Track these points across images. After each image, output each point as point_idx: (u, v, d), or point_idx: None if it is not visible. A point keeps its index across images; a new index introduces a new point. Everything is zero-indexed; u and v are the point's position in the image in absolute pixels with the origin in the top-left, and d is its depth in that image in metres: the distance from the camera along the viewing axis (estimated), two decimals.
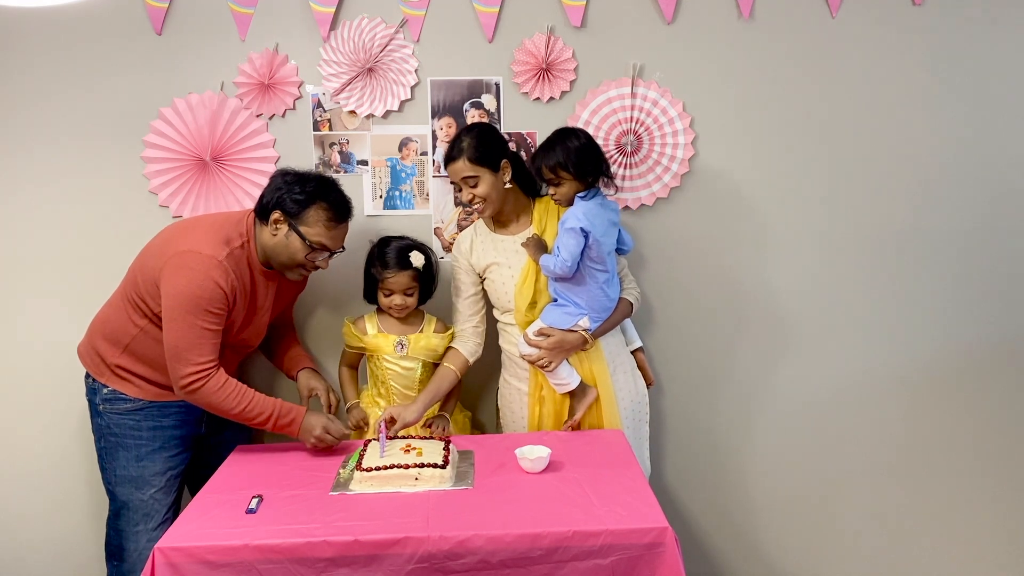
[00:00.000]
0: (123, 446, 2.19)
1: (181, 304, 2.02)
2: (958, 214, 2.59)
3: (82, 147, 2.48)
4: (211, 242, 2.08)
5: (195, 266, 2.03)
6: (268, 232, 2.14)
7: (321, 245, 2.14)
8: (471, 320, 2.38)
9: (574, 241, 2.16)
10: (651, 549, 1.70)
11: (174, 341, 2.03)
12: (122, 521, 2.22)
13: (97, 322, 2.24)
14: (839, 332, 2.65)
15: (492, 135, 2.29)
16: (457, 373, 2.34)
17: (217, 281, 2.04)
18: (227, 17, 2.45)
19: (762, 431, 2.69)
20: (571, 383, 2.25)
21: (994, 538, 2.75)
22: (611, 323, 2.30)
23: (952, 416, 2.69)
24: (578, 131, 2.26)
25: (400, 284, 2.33)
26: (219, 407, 2.08)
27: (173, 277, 2.03)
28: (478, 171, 2.21)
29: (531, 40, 2.47)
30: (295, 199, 2.11)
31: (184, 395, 2.07)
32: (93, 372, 2.22)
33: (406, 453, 2.02)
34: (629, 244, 2.37)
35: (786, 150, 2.56)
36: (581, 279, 2.22)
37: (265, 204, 2.14)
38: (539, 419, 2.32)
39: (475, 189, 2.23)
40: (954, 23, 2.51)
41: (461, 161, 2.21)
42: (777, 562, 2.77)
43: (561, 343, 2.22)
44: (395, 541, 1.68)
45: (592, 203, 2.21)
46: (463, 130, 2.28)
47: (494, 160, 2.23)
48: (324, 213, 2.13)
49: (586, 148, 2.21)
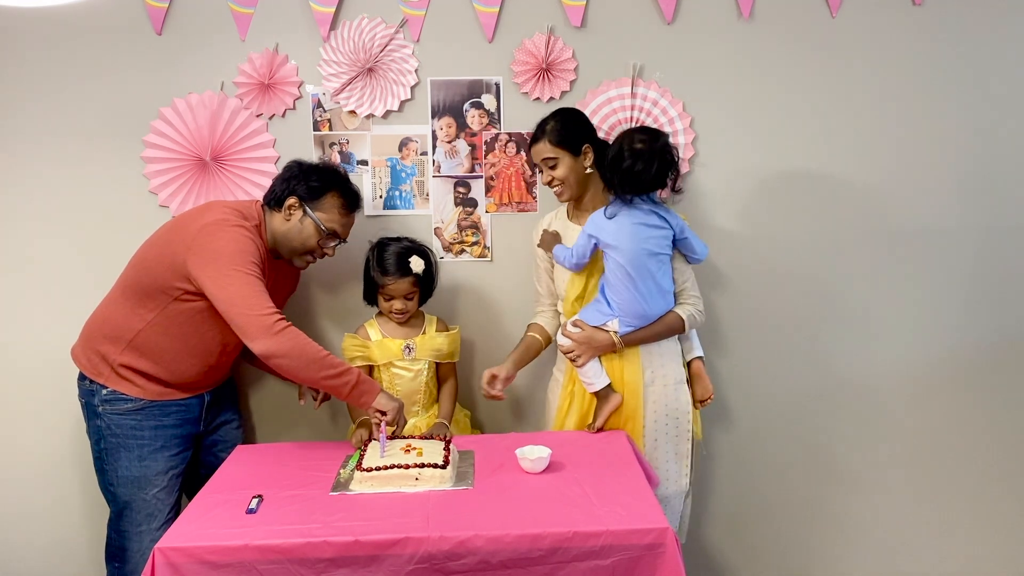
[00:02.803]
0: (125, 447, 2.19)
1: (227, 259, 2.01)
2: (958, 213, 2.59)
3: (82, 147, 2.48)
4: (233, 213, 2.14)
5: (227, 228, 2.07)
6: (281, 218, 2.19)
7: (333, 231, 2.21)
8: (551, 304, 2.41)
9: (583, 242, 2.21)
10: (651, 550, 1.70)
11: (234, 293, 1.98)
12: (124, 522, 2.21)
13: (94, 323, 2.23)
14: (840, 332, 2.65)
15: (577, 119, 2.28)
16: (542, 343, 2.38)
17: (250, 238, 2.08)
18: (227, 17, 2.44)
19: (762, 429, 2.69)
20: (597, 384, 2.23)
21: (1004, 537, 2.75)
22: (651, 334, 2.24)
23: (963, 415, 2.69)
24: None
25: (400, 290, 2.32)
26: (306, 350, 1.98)
27: (211, 243, 2.04)
28: (558, 153, 2.22)
29: (531, 40, 2.47)
30: (311, 186, 2.18)
31: (271, 338, 1.95)
32: (91, 374, 2.20)
33: (406, 453, 2.01)
34: (700, 253, 2.29)
35: (786, 150, 2.56)
36: (616, 282, 2.20)
37: (279, 192, 2.20)
38: (565, 414, 2.32)
39: (554, 171, 2.24)
40: (954, 23, 2.51)
41: (543, 142, 2.23)
42: (778, 562, 2.77)
43: (590, 340, 2.22)
44: (395, 541, 1.68)
45: (619, 215, 2.18)
46: (551, 113, 2.28)
47: (576, 143, 2.23)
48: (339, 200, 2.21)
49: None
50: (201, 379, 2.24)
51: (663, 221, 2.20)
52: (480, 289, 2.60)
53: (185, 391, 2.24)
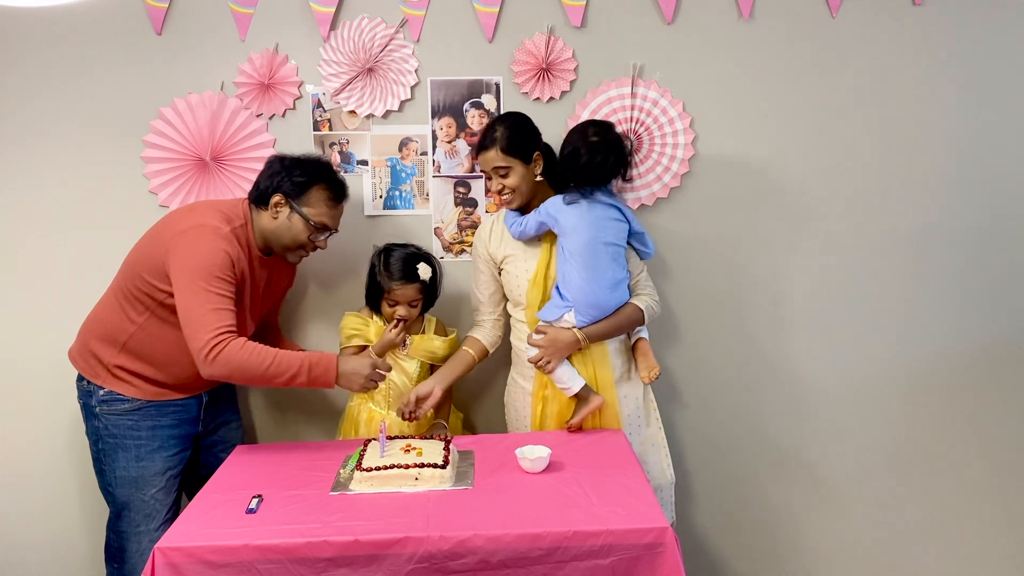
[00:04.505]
0: (122, 447, 2.18)
1: (192, 272, 2.00)
2: (959, 213, 2.59)
3: (82, 147, 2.48)
4: (215, 217, 2.11)
5: (201, 236, 2.05)
6: (268, 216, 2.16)
7: (323, 224, 2.17)
8: (492, 313, 2.38)
9: (532, 222, 2.24)
10: (651, 549, 1.70)
11: (188, 309, 2.00)
12: (123, 523, 2.21)
13: (90, 324, 2.23)
14: (841, 332, 2.65)
15: (526, 125, 2.26)
16: (475, 358, 2.34)
17: (224, 249, 2.05)
18: (227, 17, 2.45)
19: (762, 430, 2.69)
20: (572, 387, 2.23)
21: (1000, 538, 2.75)
22: (612, 326, 2.25)
23: (959, 415, 2.69)
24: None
25: (406, 296, 2.32)
26: (245, 369, 1.99)
27: (181, 250, 2.03)
28: (510, 162, 2.21)
29: (531, 40, 2.47)
30: (296, 181, 2.14)
31: (207, 367, 1.98)
32: (88, 375, 2.20)
33: (406, 453, 2.01)
34: (650, 248, 2.34)
35: (786, 150, 2.56)
36: (570, 271, 2.20)
37: (263, 189, 2.16)
38: (541, 419, 2.30)
39: (505, 180, 2.22)
40: (954, 23, 2.51)
41: (493, 151, 2.20)
42: (778, 562, 2.77)
43: (555, 341, 2.21)
44: (395, 541, 1.68)
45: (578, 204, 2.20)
46: (497, 119, 2.27)
47: (527, 151, 2.23)
48: (325, 193, 2.17)
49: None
50: (198, 379, 2.19)
51: (620, 214, 2.25)
52: None
53: (182, 391, 2.23)
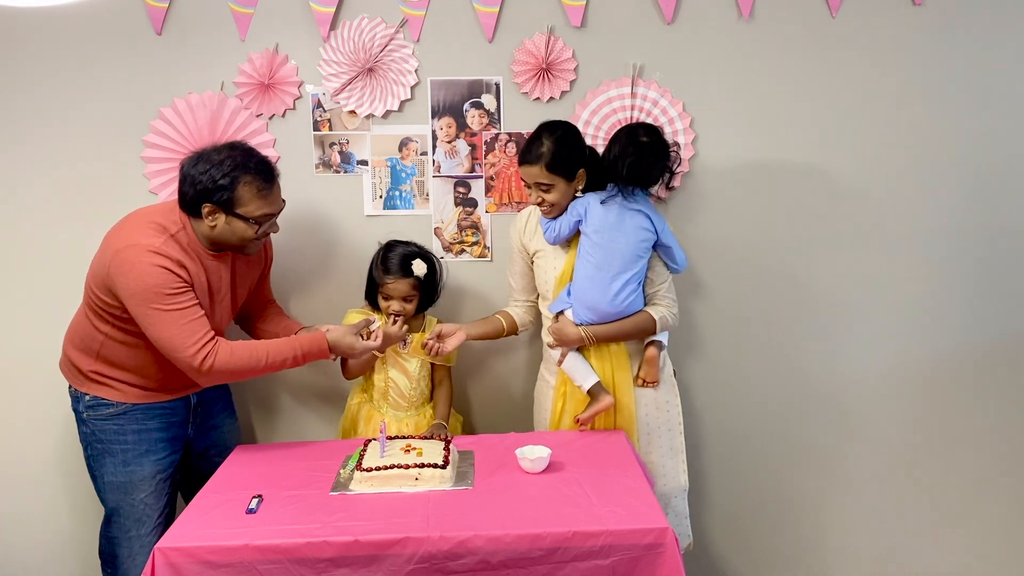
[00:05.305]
0: (109, 452, 2.15)
1: (140, 300, 1.96)
2: (959, 213, 2.59)
3: (81, 147, 2.48)
4: (145, 232, 2.01)
5: (135, 259, 1.96)
6: (206, 225, 2.05)
7: (265, 215, 2.08)
8: (526, 300, 2.39)
9: (568, 222, 2.21)
10: (651, 550, 1.70)
11: (158, 336, 1.99)
12: (114, 528, 2.19)
13: (68, 332, 2.21)
14: (842, 332, 2.65)
15: (574, 141, 2.19)
16: (504, 326, 2.36)
17: (160, 265, 1.96)
18: (227, 17, 2.44)
19: (769, 428, 2.69)
20: (584, 383, 2.23)
21: (1019, 533, 2.75)
22: (618, 331, 2.23)
23: (977, 412, 2.69)
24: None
25: (399, 291, 2.32)
26: (243, 371, 2.04)
27: (120, 278, 1.97)
28: (554, 180, 2.16)
29: (531, 40, 2.47)
30: (219, 186, 2.00)
31: (204, 379, 2.03)
32: (72, 381, 2.19)
33: (406, 453, 2.02)
34: (680, 263, 2.30)
35: (786, 150, 2.56)
36: (579, 267, 2.21)
37: (190, 200, 2.04)
38: (560, 415, 2.31)
39: (547, 195, 2.18)
40: (954, 23, 2.51)
41: (538, 167, 2.15)
42: (779, 562, 2.77)
43: (560, 331, 2.23)
44: (395, 541, 1.68)
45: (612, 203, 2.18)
46: (546, 128, 2.18)
47: (572, 169, 2.18)
48: (253, 186, 2.04)
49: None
50: (182, 380, 2.14)
51: (649, 223, 2.22)
52: (480, 289, 2.59)
53: (168, 393, 2.19)
